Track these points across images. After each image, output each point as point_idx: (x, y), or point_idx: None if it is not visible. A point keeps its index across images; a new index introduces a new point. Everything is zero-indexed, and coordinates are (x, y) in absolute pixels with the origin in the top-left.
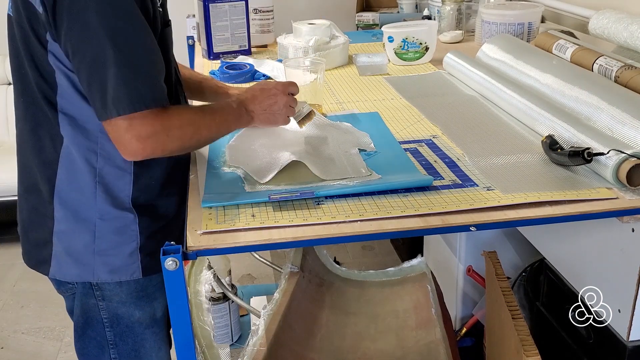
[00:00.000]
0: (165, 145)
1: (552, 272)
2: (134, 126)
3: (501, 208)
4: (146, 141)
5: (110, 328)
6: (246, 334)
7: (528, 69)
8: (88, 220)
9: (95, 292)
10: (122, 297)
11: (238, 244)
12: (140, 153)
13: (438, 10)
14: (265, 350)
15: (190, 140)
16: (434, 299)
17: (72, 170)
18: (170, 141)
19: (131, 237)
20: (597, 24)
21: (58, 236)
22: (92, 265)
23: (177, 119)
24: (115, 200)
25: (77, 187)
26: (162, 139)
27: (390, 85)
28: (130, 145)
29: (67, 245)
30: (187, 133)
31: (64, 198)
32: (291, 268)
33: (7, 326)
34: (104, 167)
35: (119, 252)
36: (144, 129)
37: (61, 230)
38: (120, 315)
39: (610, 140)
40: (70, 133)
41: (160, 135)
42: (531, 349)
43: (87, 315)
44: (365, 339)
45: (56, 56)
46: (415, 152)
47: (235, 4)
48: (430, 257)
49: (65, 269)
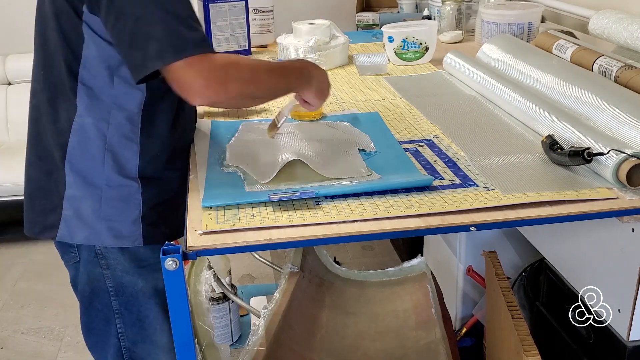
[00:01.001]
0: (226, 84)
1: (552, 272)
2: (194, 65)
3: (501, 208)
4: (209, 78)
5: (115, 297)
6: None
7: (528, 69)
8: (95, 186)
9: (100, 261)
10: (125, 265)
11: (238, 244)
12: (204, 92)
13: (438, 10)
14: (265, 350)
15: (250, 84)
16: (434, 299)
17: (84, 138)
18: (230, 80)
19: (135, 205)
20: (597, 24)
21: (69, 200)
22: (98, 229)
23: (234, 60)
24: (122, 169)
25: (88, 154)
26: (222, 76)
27: (390, 85)
28: (195, 83)
29: (77, 209)
30: (245, 74)
31: (74, 164)
32: (291, 268)
33: (7, 326)
34: (114, 137)
35: (123, 219)
36: (204, 66)
37: (72, 195)
38: (124, 284)
39: (610, 140)
40: (87, 102)
41: (219, 71)
42: (531, 349)
43: (93, 284)
44: (365, 339)
45: (90, 26)
46: (415, 152)
47: (235, 4)
48: (430, 257)
49: (74, 231)
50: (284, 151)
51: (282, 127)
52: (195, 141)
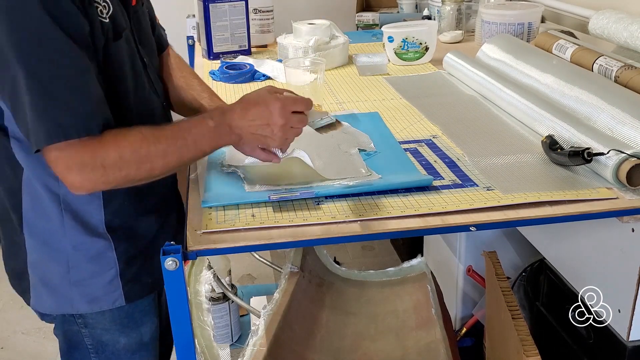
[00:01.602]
0: (104, 177)
1: (552, 272)
2: (62, 158)
3: (501, 208)
4: (81, 173)
5: (95, 354)
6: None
7: (528, 69)
8: (60, 250)
9: (77, 320)
10: (106, 324)
11: (238, 244)
12: (80, 186)
13: (438, 10)
14: (265, 350)
15: (138, 171)
16: (434, 299)
17: (36, 198)
18: (110, 173)
19: (109, 264)
20: (597, 24)
21: (32, 267)
22: (69, 296)
23: (113, 148)
24: (86, 226)
25: (44, 216)
26: (97, 171)
27: (390, 85)
28: (66, 178)
29: (42, 276)
30: (131, 163)
31: (32, 227)
32: (291, 268)
33: (7, 326)
34: (68, 194)
35: (97, 281)
36: (72, 160)
37: (34, 261)
38: (104, 342)
39: (610, 140)
40: (25, 160)
41: (91, 166)
42: (531, 349)
43: (70, 341)
44: (365, 339)
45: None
46: (415, 152)
47: (235, 4)
48: (430, 257)
49: (43, 300)
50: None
51: None
52: None
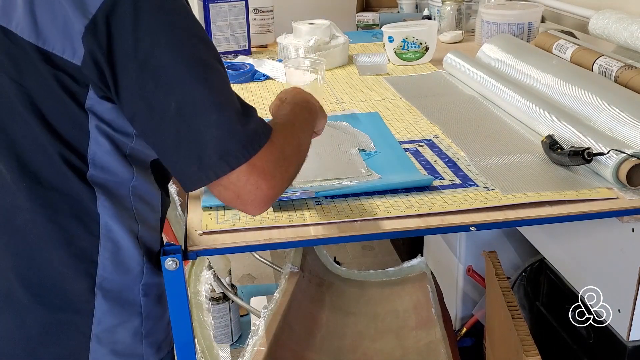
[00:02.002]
0: (288, 170)
1: (552, 272)
2: (256, 167)
3: (501, 208)
4: (274, 173)
5: None
6: (246, 334)
7: (528, 69)
8: (133, 303)
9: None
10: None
11: (238, 244)
12: (270, 195)
13: (438, 10)
14: (265, 350)
15: (300, 152)
16: (434, 299)
17: (118, 249)
18: (289, 163)
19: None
20: (597, 24)
21: (99, 339)
22: (140, 353)
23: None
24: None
25: (125, 268)
26: (283, 165)
27: (390, 85)
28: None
29: (112, 345)
30: (294, 146)
31: (108, 287)
32: (291, 268)
33: None
34: (144, 232)
35: (161, 325)
36: (268, 164)
37: (104, 331)
38: None
39: (610, 140)
40: (108, 206)
41: (280, 161)
42: (531, 349)
43: None
44: (365, 339)
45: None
46: (415, 152)
47: (235, 4)
48: (430, 257)
49: None
50: None
51: None
52: None
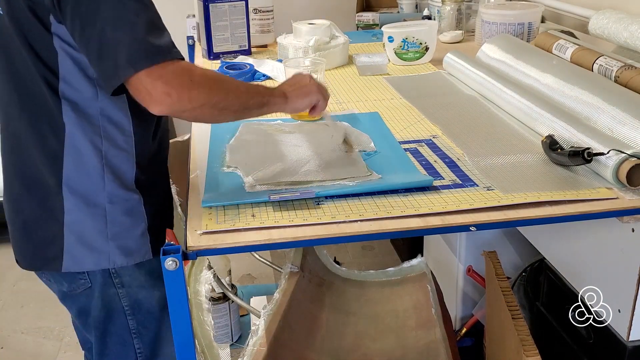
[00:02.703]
0: (190, 90)
1: (552, 272)
2: (157, 72)
3: (501, 208)
4: (172, 84)
5: (132, 316)
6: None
7: (528, 69)
8: (98, 206)
9: (114, 281)
10: (141, 280)
11: (238, 244)
12: (167, 100)
13: (438, 10)
14: (265, 350)
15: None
16: (434, 299)
17: (79, 157)
18: (195, 86)
19: (140, 217)
20: (597, 24)
21: (69, 227)
22: (107, 251)
23: (198, 68)
24: (122, 181)
25: (86, 173)
26: (185, 82)
27: (390, 85)
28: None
29: (80, 235)
30: (212, 82)
31: (73, 187)
32: (291, 268)
33: (7, 326)
34: (109, 150)
35: (131, 235)
36: (167, 72)
37: (72, 221)
38: (140, 300)
39: (610, 140)
40: (74, 119)
41: (182, 76)
42: (531, 349)
43: (108, 307)
44: (365, 339)
45: (61, 37)
46: (415, 152)
47: (235, 4)
48: (430, 257)
49: (80, 259)
50: (285, 155)
51: (283, 127)
52: (196, 141)
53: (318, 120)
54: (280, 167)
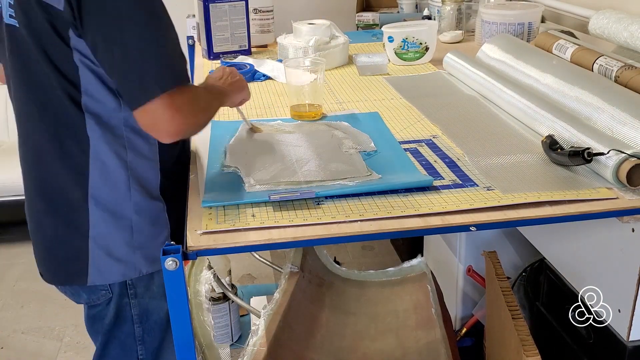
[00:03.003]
0: (197, 116)
1: (552, 272)
2: (173, 99)
3: (501, 208)
4: (185, 112)
5: (139, 324)
6: (246, 334)
7: (528, 69)
8: (124, 217)
9: (129, 291)
10: (154, 290)
11: (238, 244)
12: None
13: (438, 10)
14: (265, 350)
15: (210, 110)
16: (434, 299)
17: (105, 169)
18: (200, 111)
19: (163, 225)
20: (597, 24)
21: (95, 240)
22: (133, 261)
23: (198, 90)
24: (147, 191)
25: (112, 185)
26: (194, 109)
27: (390, 85)
28: (173, 120)
29: (106, 247)
30: (206, 103)
31: (99, 200)
32: (291, 268)
33: (7, 326)
34: (134, 160)
35: (155, 243)
36: (181, 99)
37: (98, 234)
38: (150, 310)
39: (610, 140)
40: (98, 131)
41: (193, 104)
42: (531, 349)
43: (118, 315)
44: (365, 339)
45: (81, 52)
46: (415, 152)
47: (235, 4)
48: (430, 257)
49: (106, 271)
50: (285, 155)
51: (283, 127)
52: (195, 141)
53: (318, 120)
54: (280, 167)
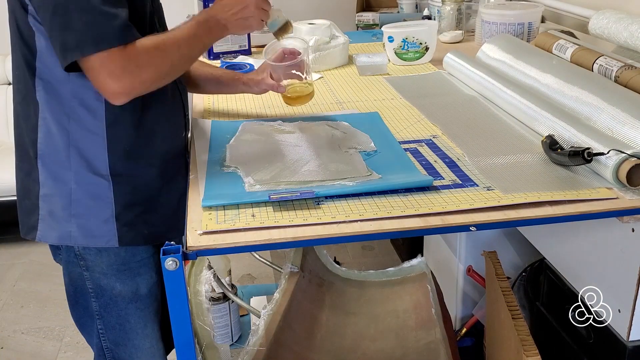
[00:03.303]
0: (140, 74)
1: (552, 272)
2: (104, 64)
3: (501, 208)
4: (121, 76)
5: (95, 298)
6: (246, 334)
7: (528, 69)
8: (65, 183)
9: (79, 262)
10: (103, 267)
11: (238, 244)
12: (119, 91)
13: (438, 10)
14: (265, 350)
15: (163, 63)
16: (434, 299)
17: (49, 133)
18: (143, 69)
19: (106, 203)
20: (597, 24)
21: (43, 199)
22: (68, 227)
23: (141, 47)
24: (90, 165)
25: (54, 150)
26: (133, 70)
27: (390, 85)
28: (107, 84)
29: (50, 208)
30: (156, 56)
31: (45, 161)
32: (291, 268)
33: (7, 326)
34: (76, 131)
35: (93, 218)
36: (114, 64)
37: (45, 194)
38: (103, 286)
39: (610, 140)
40: (45, 97)
41: (130, 65)
42: (531, 349)
43: (75, 284)
44: (365, 339)
45: (34, 17)
46: (415, 152)
47: None
48: (430, 257)
49: (48, 231)
50: (285, 155)
51: (283, 127)
52: (195, 141)
53: (317, 121)
54: (280, 167)
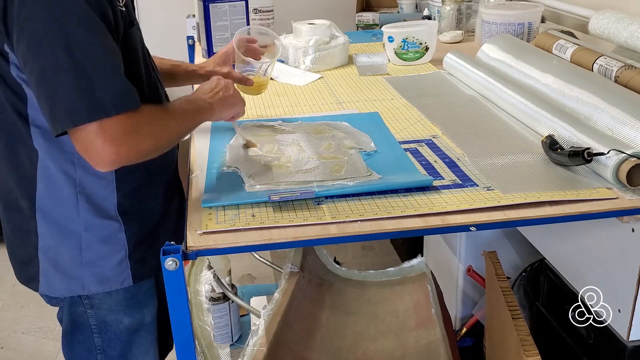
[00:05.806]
0: (139, 145)
1: (552, 272)
2: (104, 129)
3: (501, 208)
4: (120, 143)
5: (98, 334)
6: (246, 334)
7: (528, 69)
8: (73, 233)
9: (83, 302)
10: (111, 305)
11: (238, 244)
12: (114, 159)
13: (438, 10)
14: (265, 350)
15: (161, 136)
16: (434, 299)
17: (51, 183)
18: (143, 139)
19: (119, 245)
20: (597, 24)
21: (43, 251)
22: (81, 277)
23: (145, 116)
24: (99, 209)
25: (59, 201)
26: (134, 138)
27: (390, 85)
28: (103, 151)
29: (54, 260)
30: (157, 128)
31: (46, 212)
32: (291, 268)
33: (7, 326)
34: (83, 177)
35: (107, 262)
36: (115, 130)
37: (46, 246)
38: (108, 322)
39: (610, 140)
40: (44, 146)
41: (131, 134)
42: (531, 349)
43: (75, 322)
44: (365, 339)
45: (18, 67)
46: (415, 152)
47: (235, 4)
48: (430, 257)
49: (54, 284)
50: (285, 154)
51: (283, 127)
52: (195, 141)
53: (317, 121)
54: (280, 167)
